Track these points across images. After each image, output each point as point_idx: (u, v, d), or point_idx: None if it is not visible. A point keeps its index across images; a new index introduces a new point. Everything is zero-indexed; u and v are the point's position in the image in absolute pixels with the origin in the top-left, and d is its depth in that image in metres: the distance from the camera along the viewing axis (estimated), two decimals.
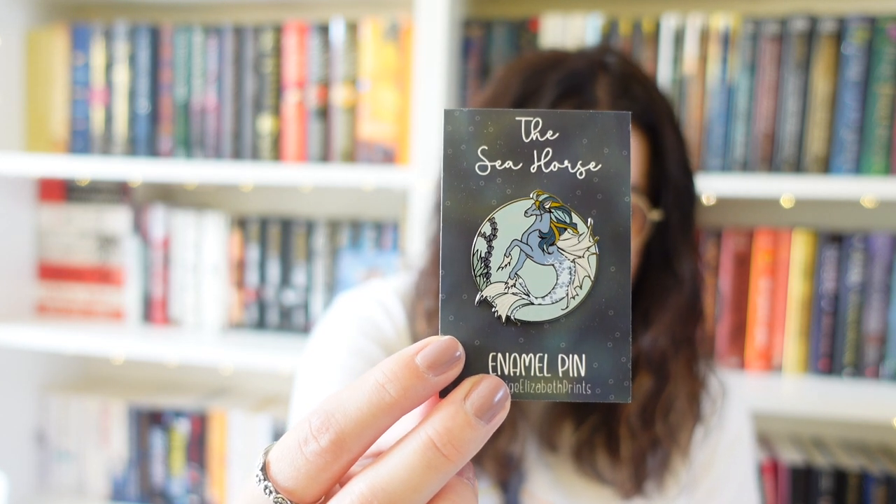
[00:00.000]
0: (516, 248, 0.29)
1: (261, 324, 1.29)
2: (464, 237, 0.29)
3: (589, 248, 0.29)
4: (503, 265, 0.29)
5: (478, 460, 0.68)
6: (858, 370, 1.10)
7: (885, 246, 1.09)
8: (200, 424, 1.32)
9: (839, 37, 1.04)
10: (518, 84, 0.67)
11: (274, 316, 1.29)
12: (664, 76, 1.09)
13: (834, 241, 1.10)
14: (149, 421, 1.35)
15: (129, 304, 1.34)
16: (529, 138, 0.30)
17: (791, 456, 1.13)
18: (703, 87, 1.09)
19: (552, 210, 0.30)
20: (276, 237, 1.28)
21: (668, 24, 1.08)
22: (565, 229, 0.29)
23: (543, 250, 0.30)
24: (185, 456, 1.33)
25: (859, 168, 1.05)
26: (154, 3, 1.39)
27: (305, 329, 1.27)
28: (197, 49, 1.24)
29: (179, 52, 1.25)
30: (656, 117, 0.67)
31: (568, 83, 0.65)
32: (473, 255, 0.29)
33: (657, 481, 0.69)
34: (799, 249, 1.10)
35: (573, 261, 0.29)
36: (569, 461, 0.71)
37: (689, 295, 0.70)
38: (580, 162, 0.30)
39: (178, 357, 1.21)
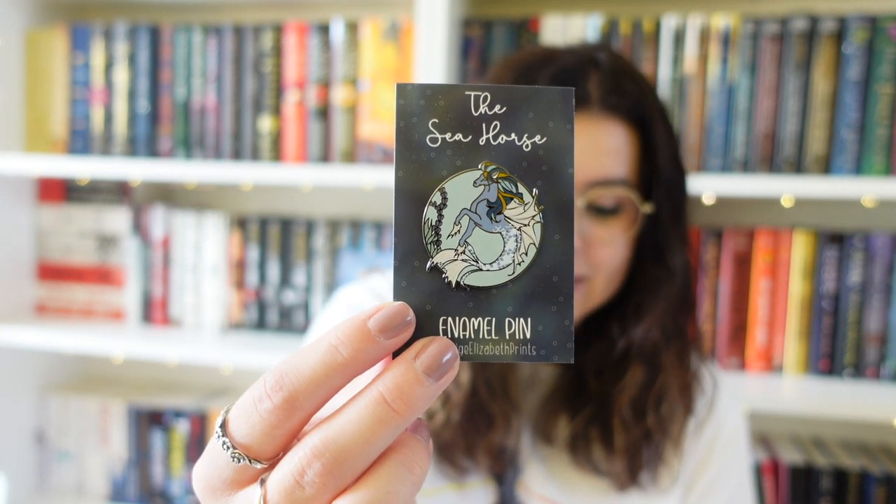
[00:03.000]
0: (465, 216, 0.31)
1: (261, 324, 1.29)
2: (415, 206, 0.30)
3: (534, 216, 0.31)
4: (453, 233, 0.31)
5: (472, 454, 0.68)
6: (859, 370, 1.10)
7: (886, 246, 1.08)
8: (200, 424, 1.32)
9: (839, 37, 1.04)
10: (510, 81, 0.68)
11: (274, 316, 1.28)
12: (664, 76, 1.09)
13: (834, 241, 1.10)
14: (149, 421, 1.34)
15: (128, 304, 1.34)
16: (478, 112, 0.31)
17: (791, 456, 1.13)
18: (703, 87, 1.08)
19: (500, 180, 0.31)
20: (275, 237, 1.28)
21: (668, 24, 1.08)
22: (512, 199, 0.31)
23: (491, 219, 0.31)
24: (184, 456, 1.33)
25: (860, 168, 1.05)
26: (154, 3, 1.39)
27: (305, 329, 1.27)
28: (197, 49, 1.24)
29: (179, 52, 1.25)
30: (647, 112, 0.68)
31: (559, 79, 0.66)
32: (424, 223, 0.30)
33: (651, 472, 0.70)
34: (799, 249, 1.10)
35: (519, 229, 0.31)
36: (564, 454, 0.72)
37: (681, 287, 0.70)
38: (526, 135, 0.31)
39: (178, 357, 1.21)
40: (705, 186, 1.03)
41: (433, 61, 1.08)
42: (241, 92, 1.23)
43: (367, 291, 0.80)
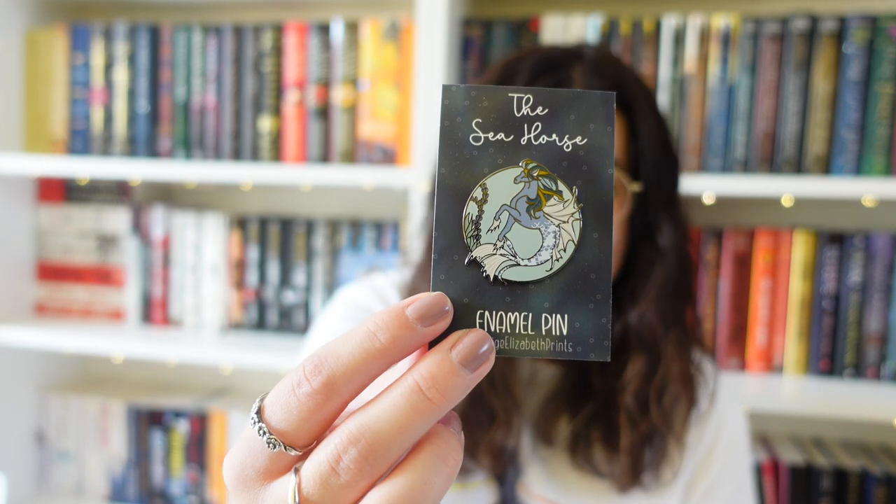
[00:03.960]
0: (505, 212, 0.31)
1: (261, 324, 1.29)
2: (456, 202, 0.31)
3: (573, 214, 0.31)
4: (492, 228, 0.31)
5: (473, 454, 0.68)
6: (859, 371, 1.10)
7: (886, 246, 1.08)
8: (200, 424, 1.32)
9: (840, 36, 1.04)
10: (498, 71, 0.70)
11: (274, 316, 1.28)
12: (664, 76, 1.09)
13: (834, 241, 1.10)
14: (148, 421, 1.34)
15: (128, 304, 1.34)
16: (521, 113, 0.32)
17: (791, 456, 1.13)
18: (703, 87, 1.08)
19: (540, 178, 0.31)
20: (275, 237, 1.28)
21: (669, 24, 1.08)
22: (552, 196, 0.31)
23: (531, 215, 0.31)
24: (184, 456, 1.33)
25: (860, 168, 1.05)
26: (154, 3, 1.39)
27: (305, 329, 1.27)
28: (196, 49, 1.24)
29: (179, 52, 1.25)
30: (630, 94, 0.69)
31: (540, 67, 0.69)
32: (465, 218, 0.31)
33: (653, 473, 0.70)
34: (799, 249, 1.10)
35: (558, 226, 0.31)
36: (564, 455, 0.72)
37: (674, 268, 0.70)
38: (567, 136, 0.31)
39: (178, 357, 1.21)
40: (705, 186, 1.03)
41: (433, 61, 1.08)
42: (241, 92, 1.22)
43: (368, 291, 0.81)
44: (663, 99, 1.09)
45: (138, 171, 1.20)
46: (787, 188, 1.02)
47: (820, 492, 1.09)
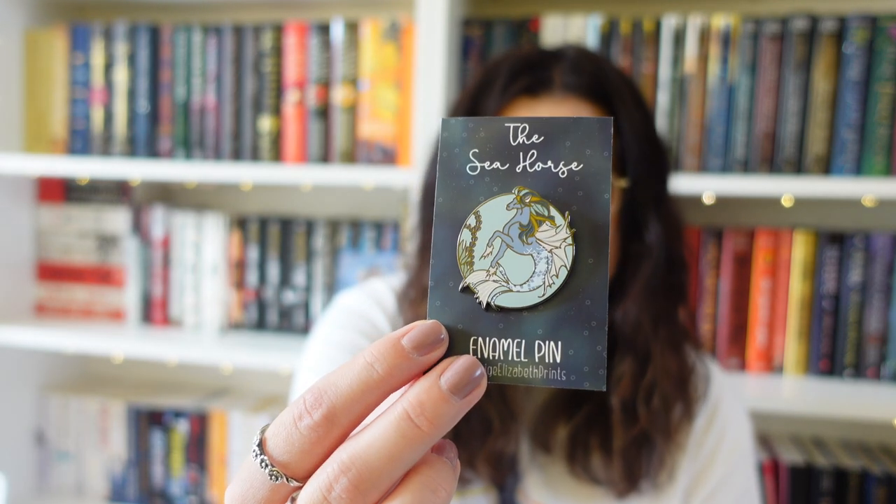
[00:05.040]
0: (498, 238, 0.31)
1: (260, 324, 1.29)
2: (452, 230, 0.32)
3: (565, 239, 0.31)
4: (486, 254, 0.31)
5: (472, 464, 0.68)
6: (859, 371, 1.10)
7: (886, 246, 1.08)
8: (200, 424, 1.32)
9: (840, 36, 1.04)
10: (480, 74, 0.71)
11: (274, 316, 1.28)
12: (664, 76, 1.09)
13: (834, 241, 1.10)
14: (148, 421, 1.34)
15: (128, 304, 1.34)
16: (517, 141, 0.32)
17: (791, 456, 1.13)
18: (703, 87, 1.08)
19: (532, 204, 0.31)
20: (275, 237, 1.28)
21: (669, 24, 1.08)
22: (543, 221, 0.31)
23: (523, 241, 0.31)
24: (184, 456, 1.33)
25: (860, 168, 1.05)
26: (154, 2, 1.39)
27: (305, 329, 1.27)
28: (196, 49, 1.24)
29: (179, 52, 1.25)
30: (611, 89, 0.69)
31: (518, 67, 0.69)
32: (459, 245, 0.31)
33: (651, 479, 0.69)
34: (799, 249, 1.10)
35: (550, 251, 0.31)
36: (562, 462, 0.71)
37: (661, 265, 0.69)
38: (563, 162, 0.32)
39: (178, 357, 1.21)
40: (705, 186, 1.03)
41: (433, 61, 1.08)
42: (241, 92, 1.22)
43: (366, 297, 0.80)
44: (663, 99, 1.09)
45: (138, 171, 1.20)
46: (787, 188, 1.02)
47: (820, 492, 1.09)
